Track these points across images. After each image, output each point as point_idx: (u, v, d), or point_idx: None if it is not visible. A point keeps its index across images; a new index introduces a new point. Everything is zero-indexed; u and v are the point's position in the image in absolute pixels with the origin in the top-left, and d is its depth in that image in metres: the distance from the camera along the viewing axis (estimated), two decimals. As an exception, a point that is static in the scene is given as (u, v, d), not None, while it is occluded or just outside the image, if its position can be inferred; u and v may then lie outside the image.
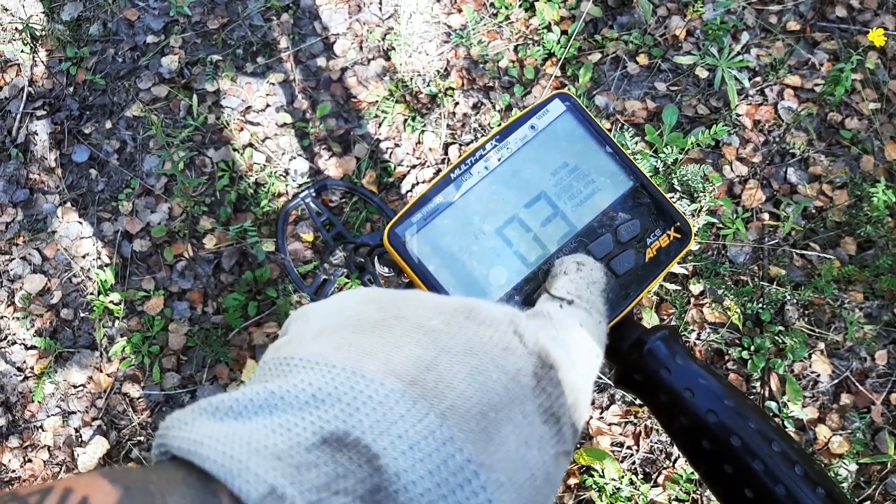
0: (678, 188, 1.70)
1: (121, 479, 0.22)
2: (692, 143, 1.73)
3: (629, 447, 1.66)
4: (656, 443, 1.66)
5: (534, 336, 0.31)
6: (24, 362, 1.79)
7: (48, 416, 1.75)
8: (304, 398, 0.25)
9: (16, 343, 1.80)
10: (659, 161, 1.75)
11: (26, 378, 1.78)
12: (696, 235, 1.75)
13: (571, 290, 0.38)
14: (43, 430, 1.74)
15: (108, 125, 1.94)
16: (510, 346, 0.29)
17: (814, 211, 1.81)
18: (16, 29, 2.01)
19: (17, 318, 1.80)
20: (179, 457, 0.24)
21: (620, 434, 1.68)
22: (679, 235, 0.48)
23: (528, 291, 0.46)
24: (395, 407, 0.25)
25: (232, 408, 0.25)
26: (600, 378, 1.71)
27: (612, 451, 1.65)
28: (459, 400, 0.26)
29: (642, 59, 1.96)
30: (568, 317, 0.35)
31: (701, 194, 1.67)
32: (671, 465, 1.65)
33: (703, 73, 1.93)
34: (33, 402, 1.75)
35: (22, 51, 2.00)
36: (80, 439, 1.73)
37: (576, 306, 0.36)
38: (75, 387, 1.77)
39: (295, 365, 0.27)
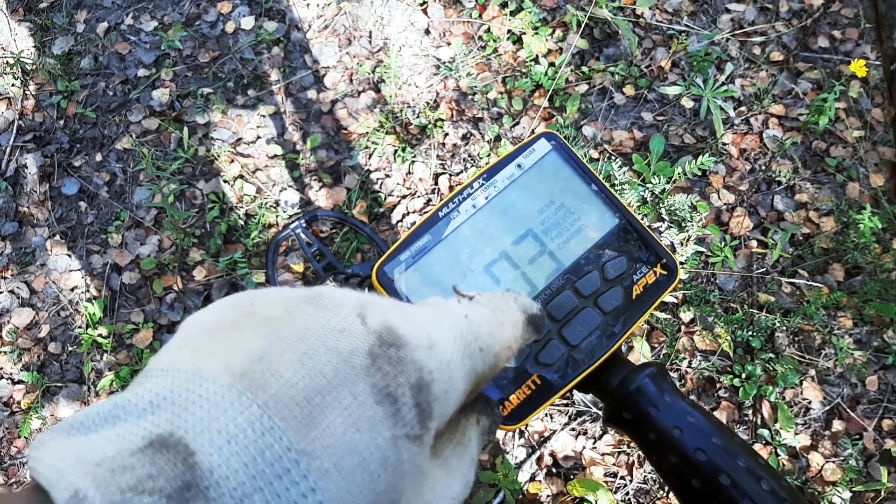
0: (666, 217, 1.71)
1: None
2: (679, 173, 1.75)
3: (622, 478, 1.65)
4: (650, 473, 1.65)
5: (380, 318, 0.29)
6: (11, 397, 1.76)
7: (34, 452, 1.72)
8: (142, 405, 0.25)
9: (3, 378, 1.78)
10: (647, 191, 1.77)
11: (13, 413, 1.76)
12: (684, 264, 1.76)
13: (478, 293, 0.35)
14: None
15: (99, 158, 1.94)
16: (347, 328, 0.28)
17: (801, 238, 1.83)
18: (7, 63, 2.02)
19: (5, 353, 1.78)
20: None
21: (613, 464, 1.67)
22: (665, 272, 0.49)
23: None
24: (220, 403, 0.24)
25: (83, 423, 0.25)
26: (589, 408, 1.71)
27: (606, 482, 1.64)
28: (284, 388, 0.25)
29: (629, 90, 1.99)
30: (454, 307, 0.33)
31: (689, 223, 1.68)
32: (665, 495, 1.63)
33: (688, 104, 1.96)
34: (20, 437, 1.73)
35: (13, 84, 2.00)
36: (66, 475, 1.71)
37: (474, 302, 0.34)
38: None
39: (150, 375, 0.27)
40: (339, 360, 0.27)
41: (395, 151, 1.92)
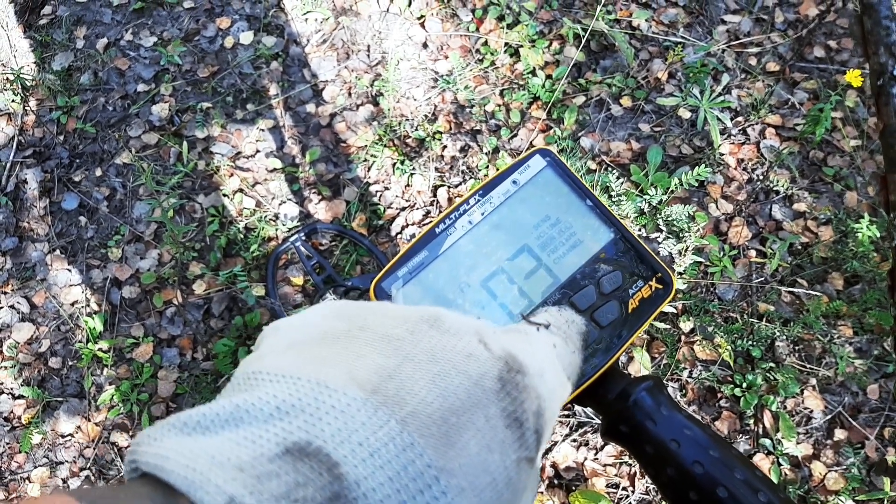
0: (664, 228, 1.72)
1: (87, 496, 0.22)
2: (677, 183, 1.76)
3: (624, 488, 1.65)
4: (651, 484, 1.65)
5: (500, 344, 0.31)
6: (12, 412, 1.76)
7: (35, 467, 1.72)
8: (268, 410, 0.25)
9: (3, 392, 1.78)
10: (645, 202, 1.77)
11: (13, 428, 1.75)
12: (683, 274, 1.76)
13: (550, 321, 0.38)
14: (30, 482, 1.71)
15: (98, 173, 1.95)
16: (474, 353, 0.29)
17: (800, 247, 1.83)
18: (7, 79, 2.04)
19: (5, 368, 1.78)
20: (147, 472, 0.24)
21: (615, 475, 1.66)
22: (661, 286, 0.49)
23: None
24: (356, 415, 0.25)
25: (199, 422, 0.25)
26: (591, 419, 1.71)
27: (608, 493, 1.63)
28: (420, 406, 0.26)
29: (626, 102, 2.00)
30: (542, 337, 0.35)
31: (687, 233, 1.68)
32: (667, 506, 1.63)
33: (685, 114, 1.97)
34: (20, 452, 1.72)
35: (13, 100, 2.01)
36: (67, 490, 1.70)
37: (551, 332, 0.37)
38: (63, 436, 1.74)
39: (262, 379, 0.27)
40: (471, 384, 0.28)
41: (394, 164, 1.93)
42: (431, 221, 0.51)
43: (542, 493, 1.63)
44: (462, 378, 0.28)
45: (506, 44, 2.05)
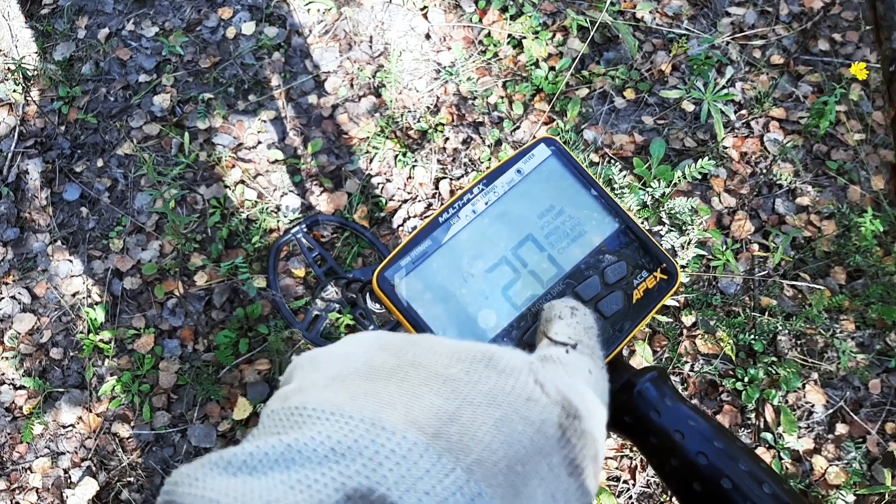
0: (667, 221, 1.71)
1: None
2: (680, 177, 1.75)
3: (625, 481, 1.65)
4: (653, 477, 1.65)
5: (554, 385, 0.30)
6: (13, 402, 1.76)
7: (37, 458, 1.72)
8: (322, 452, 0.24)
9: (4, 383, 1.78)
10: (647, 194, 1.77)
11: (15, 419, 1.76)
12: (686, 268, 1.75)
13: (572, 335, 0.37)
14: (31, 472, 1.71)
15: (100, 163, 1.94)
16: (533, 397, 0.29)
17: (803, 241, 1.83)
18: (8, 69, 2.03)
19: (6, 358, 1.79)
20: None
21: (616, 468, 1.66)
22: (665, 276, 0.49)
23: (518, 334, 0.46)
24: (419, 461, 0.24)
25: (246, 462, 0.24)
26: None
27: (609, 486, 1.64)
28: (485, 453, 0.25)
29: (629, 94, 1.99)
30: (577, 362, 0.34)
31: (690, 227, 1.68)
32: (668, 498, 1.63)
33: (689, 107, 1.96)
34: (22, 442, 1.73)
35: (14, 90, 2.01)
36: (69, 480, 1.71)
37: (580, 352, 0.36)
38: (64, 427, 1.74)
39: (308, 416, 0.26)
40: (534, 430, 0.27)
41: (396, 156, 1.92)
42: (435, 211, 0.50)
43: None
44: (525, 425, 0.27)
45: (509, 35, 2.04)
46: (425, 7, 2.10)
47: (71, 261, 1.87)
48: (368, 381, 0.28)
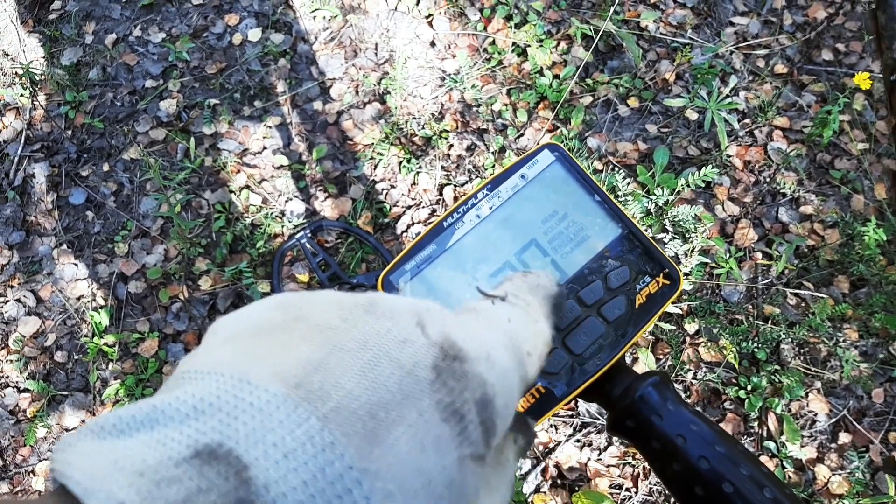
0: (670, 229, 1.72)
1: None
2: (683, 185, 1.76)
3: (628, 489, 1.65)
4: (655, 484, 1.65)
5: (438, 327, 0.27)
6: (17, 405, 1.77)
7: (40, 461, 1.73)
8: (185, 410, 0.23)
9: (9, 386, 1.79)
10: (651, 202, 1.77)
11: (19, 421, 1.76)
12: (689, 275, 1.76)
13: (508, 290, 0.34)
14: (34, 475, 1.71)
15: (106, 168, 1.95)
16: (409, 338, 0.27)
17: (806, 250, 1.83)
18: (16, 73, 2.04)
19: (11, 361, 1.79)
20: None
21: (619, 476, 1.66)
22: (668, 282, 0.49)
23: None
24: (274, 413, 0.23)
25: (115, 425, 0.23)
26: (595, 419, 1.70)
27: (612, 494, 1.63)
28: (346, 400, 0.24)
29: (633, 102, 1.99)
30: (496, 311, 0.32)
31: (693, 234, 1.68)
32: (670, 507, 1.63)
33: (692, 116, 1.96)
34: (25, 445, 1.73)
35: (21, 95, 2.02)
36: None
37: (508, 303, 0.33)
38: (68, 430, 1.75)
39: (189, 377, 0.25)
40: (403, 373, 0.25)
41: (401, 162, 1.93)
42: (439, 216, 0.51)
43: (545, 493, 1.63)
44: (394, 367, 0.25)
45: (513, 43, 2.05)
46: (430, 15, 2.11)
47: (76, 264, 1.87)
48: (252, 339, 0.27)
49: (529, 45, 2.03)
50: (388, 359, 0.26)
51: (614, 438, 1.68)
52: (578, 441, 1.69)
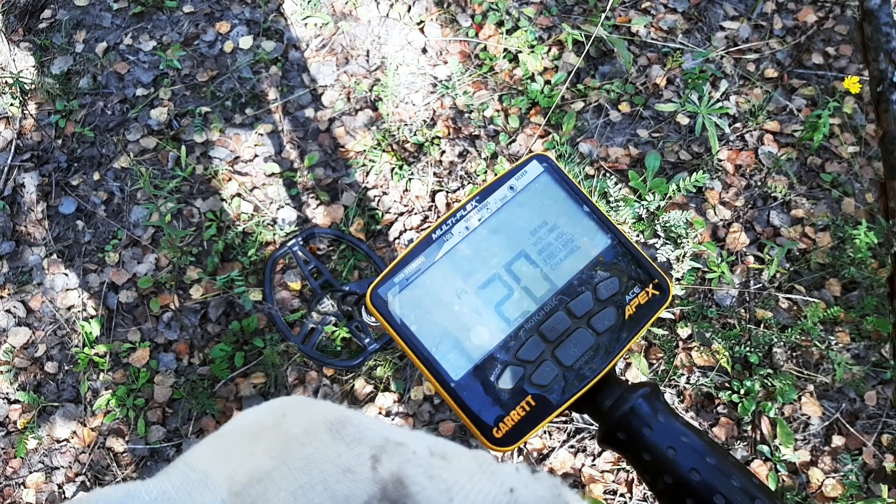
0: (662, 234, 1.72)
1: None
2: (675, 189, 1.76)
3: (622, 495, 1.64)
4: (649, 490, 1.64)
5: (397, 465, 0.25)
6: (7, 417, 1.76)
7: (31, 472, 1.71)
8: (149, 499, 0.24)
9: (-2, 397, 1.77)
10: (643, 207, 1.78)
11: (9, 433, 1.75)
12: (681, 280, 1.76)
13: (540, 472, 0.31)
14: (25, 487, 1.70)
15: (96, 177, 1.95)
16: (354, 470, 0.25)
17: (797, 253, 1.83)
18: (6, 83, 2.03)
19: (1, 372, 1.78)
20: None
21: (613, 482, 1.66)
22: (658, 292, 0.49)
23: (513, 349, 0.46)
24: None
25: (97, 502, 0.25)
26: (588, 425, 1.70)
27: (606, 499, 1.63)
28: None
29: (624, 107, 2.00)
30: (506, 470, 0.28)
31: (685, 239, 1.68)
32: (664, 512, 1.62)
33: (683, 120, 1.97)
34: (16, 457, 1.72)
35: (11, 104, 2.01)
36: (63, 496, 1.70)
37: (536, 477, 0.29)
38: (59, 441, 1.74)
39: (179, 465, 0.27)
40: None
41: (392, 169, 1.93)
42: (429, 227, 0.50)
43: (539, 499, 1.62)
44: (325, 497, 0.24)
45: (505, 49, 2.06)
46: (422, 22, 2.11)
47: (66, 274, 1.86)
48: (239, 438, 0.28)
49: (521, 51, 2.03)
50: (323, 487, 0.25)
51: (608, 444, 1.68)
52: (572, 447, 1.69)
